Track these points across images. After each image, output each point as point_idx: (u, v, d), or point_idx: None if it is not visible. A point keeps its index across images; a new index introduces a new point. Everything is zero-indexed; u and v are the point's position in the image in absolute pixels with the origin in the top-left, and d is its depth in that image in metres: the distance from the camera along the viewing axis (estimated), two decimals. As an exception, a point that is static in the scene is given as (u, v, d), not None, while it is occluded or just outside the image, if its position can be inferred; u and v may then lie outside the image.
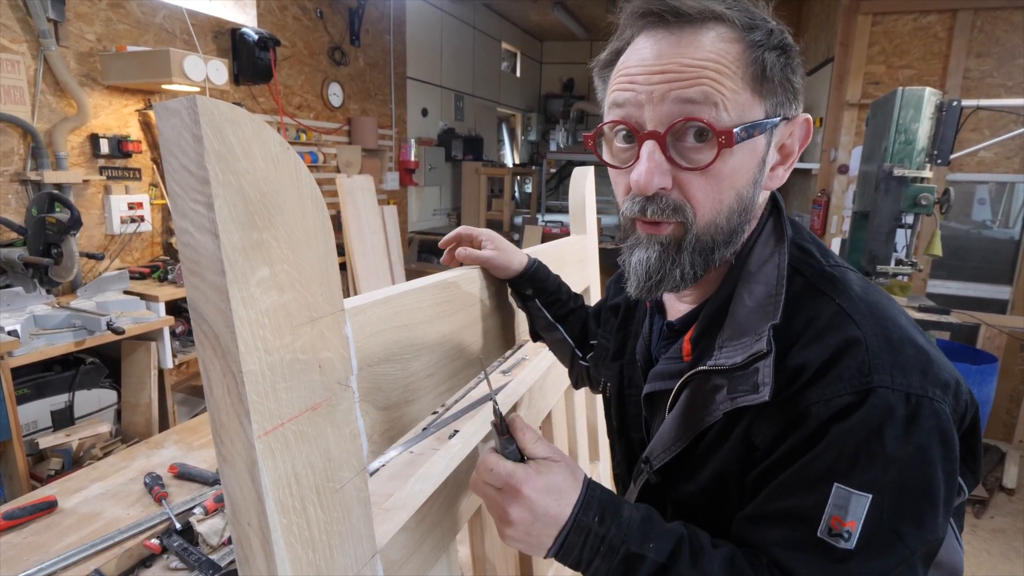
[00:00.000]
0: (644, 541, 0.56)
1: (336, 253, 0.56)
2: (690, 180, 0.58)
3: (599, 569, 0.57)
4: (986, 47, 3.46)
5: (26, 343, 2.07)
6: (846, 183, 3.86)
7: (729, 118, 0.55)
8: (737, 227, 0.61)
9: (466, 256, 0.89)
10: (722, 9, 0.56)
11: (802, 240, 0.64)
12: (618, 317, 0.84)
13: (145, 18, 2.93)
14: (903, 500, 0.52)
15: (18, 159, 2.47)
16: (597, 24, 7.14)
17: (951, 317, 2.55)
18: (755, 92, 0.57)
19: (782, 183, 0.64)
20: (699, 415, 0.61)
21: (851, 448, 0.52)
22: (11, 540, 1.08)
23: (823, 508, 0.52)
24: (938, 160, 2.46)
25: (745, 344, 0.58)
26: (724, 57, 0.55)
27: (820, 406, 0.53)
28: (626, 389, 0.79)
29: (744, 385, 0.57)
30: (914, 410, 0.52)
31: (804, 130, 0.62)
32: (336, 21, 4.31)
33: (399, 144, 5.18)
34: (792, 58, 0.59)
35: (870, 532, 0.51)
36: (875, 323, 0.55)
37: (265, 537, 0.47)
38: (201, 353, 0.46)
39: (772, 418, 0.56)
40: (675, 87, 0.55)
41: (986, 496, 2.91)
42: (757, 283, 0.61)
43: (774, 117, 0.59)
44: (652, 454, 0.67)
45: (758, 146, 0.59)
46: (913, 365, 0.54)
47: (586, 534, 0.57)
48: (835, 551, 0.52)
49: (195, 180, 0.42)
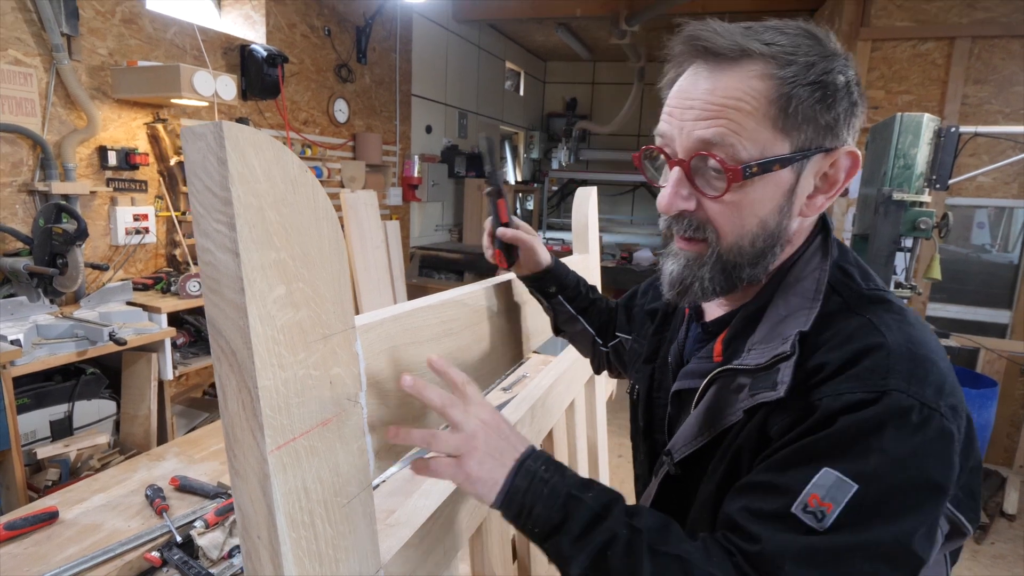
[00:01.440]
0: (584, 490, 0.60)
1: (348, 271, 0.57)
2: (710, 206, 0.63)
3: (540, 515, 0.59)
4: (984, 74, 3.51)
5: (28, 352, 2.08)
6: (846, 205, 3.89)
7: (747, 153, 0.59)
8: (764, 251, 0.64)
9: (513, 236, 0.95)
10: (757, 46, 0.59)
11: (846, 263, 0.67)
12: (655, 322, 0.86)
13: (156, 34, 2.98)
14: (887, 498, 0.52)
15: (27, 170, 2.50)
16: (600, 45, 7.23)
17: (951, 341, 2.57)
18: (777, 128, 0.59)
19: (822, 211, 0.66)
20: (723, 412, 0.64)
21: (850, 437, 0.53)
22: (12, 551, 1.08)
23: (804, 485, 0.53)
24: (937, 185, 2.49)
25: (772, 347, 0.61)
26: (748, 95, 0.58)
27: (832, 399, 0.55)
28: (655, 392, 0.81)
29: (764, 383, 0.60)
30: (924, 420, 0.53)
31: (850, 161, 0.63)
32: (343, 39, 4.37)
33: (403, 160, 5.23)
34: (831, 91, 0.60)
35: (844, 520, 0.52)
36: (902, 336, 0.57)
37: (275, 550, 0.48)
38: (218, 368, 0.47)
39: (787, 410, 0.58)
40: (697, 125, 0.60)
41: (986, 522, 2.89)
42: (795, 295, 0.65)
43: (805, 151, 0.61)
44: (675, 447, 0.70)
45: (782, 179, 0.61)
46: (932, 380, 0.55)
47: (531, 477, 0.60)
48: (804, 527, 0.53)
49: (218, 201, 0.44)
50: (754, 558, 0.54)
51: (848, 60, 0.62)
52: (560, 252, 5.31)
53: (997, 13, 3.43)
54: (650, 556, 0.55)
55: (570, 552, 0.58)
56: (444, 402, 0.61)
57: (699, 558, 0.55)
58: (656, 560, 0.55)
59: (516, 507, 0.60)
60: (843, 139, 0.63)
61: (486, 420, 0.62)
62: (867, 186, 2.77)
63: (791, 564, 0.52)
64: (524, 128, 8.49)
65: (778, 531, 0.53)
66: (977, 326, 3.71)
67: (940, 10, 3.53)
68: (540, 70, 8.75)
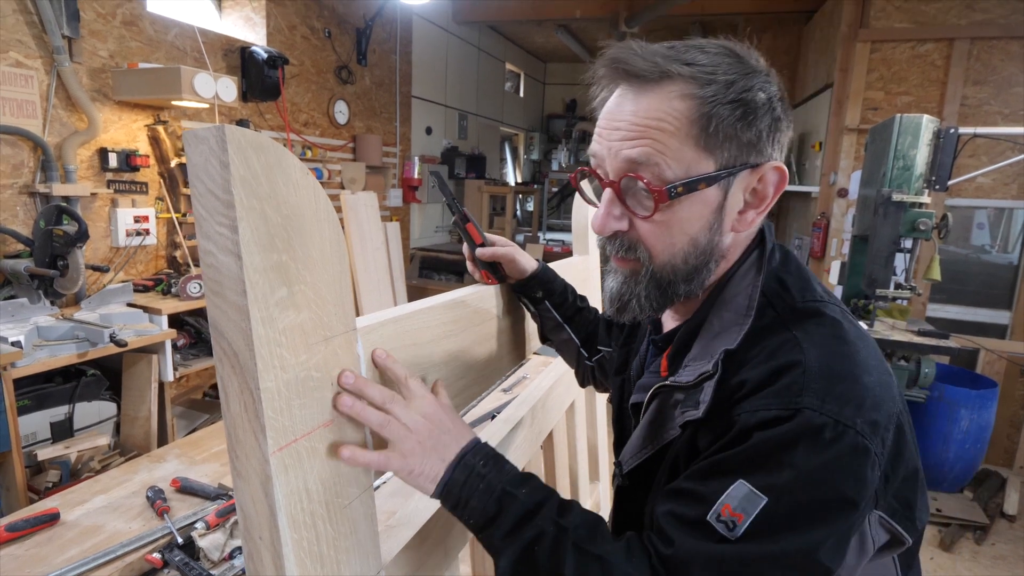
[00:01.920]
0: (519, 487, 0.62)
1: (349, 273, 0.58)
2: (641, 225, 0.64)
3: (475, 508, 0.61)
4: (983, 75, 3.52)
5: (29, 354, 2.08)
6: (845, 206, 3.89)
7: (672, 173, 0.60)
8: (697, 267, 0.65)
9: (491, 255, 0.96)
10: (677, 67, 0.60)
11: (785, 274, 0.67)
12: (623, 334, 0.89)
13: (157, 36, 2.98)
14: (796, 511, 0.54)
15: (28, 172, 2.50)
16: (600, 46, 7.24)
17: (950, 342, 2.57)
18: (699, 147, 0.60)
19: (754, 225, 0.67)
20: (663, 427, 0.66)
21: (764, 452, 0.55)
22: (13, 552, 1.08)
23: (719, 496, 0.55)
24: (936, 186, 2.49)
25: (701, 365, 0.64)
26: (669, 115, 0.59)
27: (748, 415, 0.57)
28: (624, 403, 0.83)
29: (690, 401, 0.63)
30: (837, 436, 0.54)
31: (777, 176, 0.64)
32: (344, 41, 4.38)
33: (403, 161, 5.23)
34: (751, 109, 0.60)
35: (754, 531, 0.53)
36: (823, 353, 0.58)
37: (276, 551, 0.48)
38: (220, 370, 0.47)
39: (709, 426, 0.61)
40: (623, 146, 0.61)
41: (987, 523, 2.89)
42: (728, 311, 0.66)
43: (730, 168, 0.61)
44: (623, 459, 0.72)
45: (708, 196, 0.62)
46: (848, 398, 0.56)
47: (469, 471, 0.62)
48: (716, 535, 0.54)
49: (221, 204, 0.44)
50: (667, 560, 0.56)
51: (770, 76, 0.63)
52: (560, 253, 5.32)
53: (996, 14, 3.44)
54: (574, 553, 0.57)
55: (500, 545, 0.60)
56: (384, 398, 0.61)
57: (619, 559, 0.57)
58: (579, 558, 0.57)
59: (453, 499, 0.62)
60: (768, 155, 0.63)
61: (428, 414, 0.63)
62: (866, 187, 2.78)
63: (698, 569, 0.54)
64: (524, 129, 8.50)
65: (691, 537, 0.56)
66: (977, 327, 3.71)
67: (939, 11, 3.54)
68: (540, 71, 8.76)
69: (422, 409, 0.63)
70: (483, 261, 0.97)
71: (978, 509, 2.98)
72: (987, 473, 3.33)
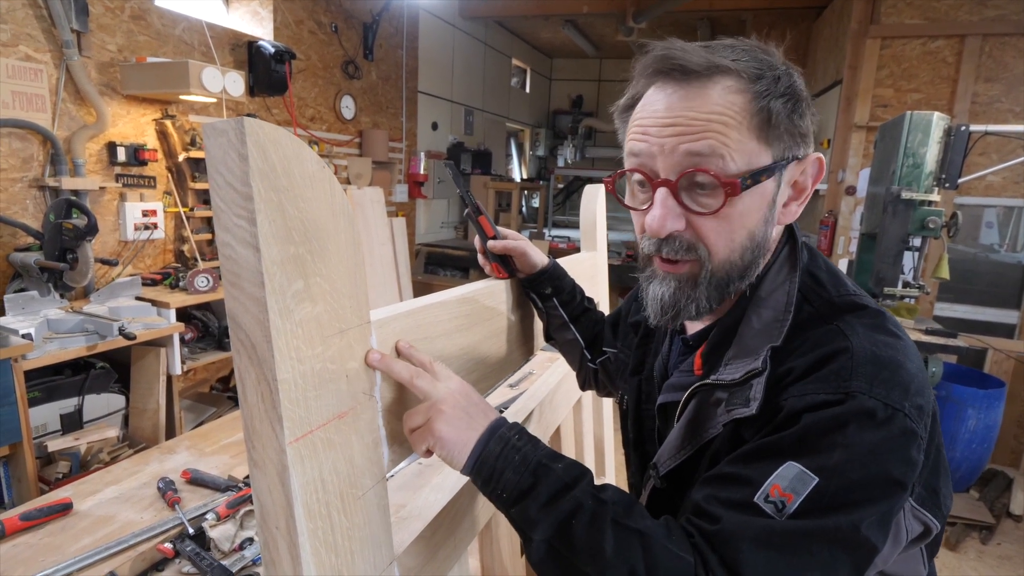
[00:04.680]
0: (555, 461, 0.61)
1: (363, 266, 0.58)
2: (702, 223, 0.63)
3: (509, 480, 0.60)
4: (994, 72, 3.49)
5: (39, 347, 2.10)
6: (853, 204, 3.87)
7: (736, 166, 0.60)
8: (751, 262, 0.65)
9: (503, 247, 0.96)
10: (728, 62, 0.60)
11: (816, 269, 0.67)
12: (639, 334, 0.87)
13: (165, 30, 2.99)
14: (846, 491, 0.54)
15: (37, 165, 2.52)
16: (607, 42, 7.22)
17: (958, 340, 2.55)
18: (761, 140, 0.61)
19: (795, 218, 0.68)
20: (704, 425, 0.66)
21: (815, 433, 0.55)
22: (28, 541, 1.10)
23: (767, 477, 0.55)
24: (946, 184, 2.47)
25: (746, 363, 0.63)
26: (730, 109, 0.60)
27: (796, 400, 0.57)
28: (643, 403, 0.82)
29: (739, 399, 0.62)
30: (888, 418, 0.55)
31: (816, 168, 0.66)
32: (350, 36, 4.38)
33: (409, 157, 5.23)
34: (799, 102, 0.62)
35: (803, 510, 0.53)
36: (868, 340, 0.59)
37: (292, 541, 0.49)
38: (237, 361, 0.48)
39: (755, 417, 0.60)
40: (684, 140, 0.60)
41: (993, 523, 2.88)
42: (766, 308, 0.66)
43: (782, 160, 0.62)
44: (659, 460, 0.71)
45: (767, 189, 0.63)
46: (895, 382, 0.56)
47: (504, 443, 0.61)
48: (764, 514, 0.54)
49: (239, 196, 0.44)
50: (713, 537, 0.55)
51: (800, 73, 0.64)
52: (565, 250, 5.32)
53: (1008, 11, 3.41)
54: (613, 528, 0.56)
55: (537, 516, 0.58)
56: (411, 373, 0.62)
57: (660, 535, 0.56)
58: (619, 532, 0.56)
59: (487, 471, 0.61)
60: (811, 147, 0.65)
61: (454, 388, 0.64)
62: (876, 185, 2.76)
63: (749, 544, 0.53)
64: (530, 125, 8.48)
65: (740, 515, 0.55)
66: (985, 326, 3.69)
67: (950, 8, 3.51)
68: (546, 67, 8.73)
69: (449, 385, 0.64)
70: (494, 254, 0.97)
71: (984, 509, 2.97)
72: (993, 473, 3.32)
